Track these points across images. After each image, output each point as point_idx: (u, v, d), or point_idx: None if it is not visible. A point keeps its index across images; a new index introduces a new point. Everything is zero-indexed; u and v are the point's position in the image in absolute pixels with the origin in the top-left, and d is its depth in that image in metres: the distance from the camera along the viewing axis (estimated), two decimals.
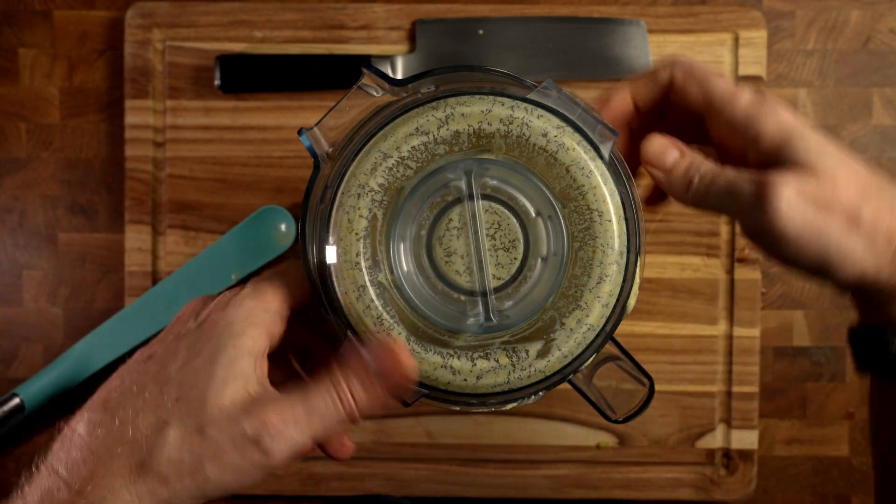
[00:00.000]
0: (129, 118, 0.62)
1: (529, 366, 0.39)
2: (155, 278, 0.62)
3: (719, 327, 0.62)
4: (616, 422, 0.41)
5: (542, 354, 0.39)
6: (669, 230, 0.62)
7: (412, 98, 0.39)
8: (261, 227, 0.61)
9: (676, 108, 0.42)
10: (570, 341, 0.39)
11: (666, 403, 0.62)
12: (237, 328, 0.39)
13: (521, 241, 0.40)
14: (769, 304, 0.64)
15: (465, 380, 0.39)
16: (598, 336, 0.39)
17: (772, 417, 0.64)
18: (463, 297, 0.40)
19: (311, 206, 0.40)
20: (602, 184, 0.39)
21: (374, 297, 0.39)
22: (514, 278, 0.40)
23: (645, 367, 0.63)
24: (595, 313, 0.39)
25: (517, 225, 0.40)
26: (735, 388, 0.62)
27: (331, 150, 0.40)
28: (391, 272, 0.39)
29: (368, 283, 0.39)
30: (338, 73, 0.61)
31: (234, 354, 0.38)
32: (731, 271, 0.62)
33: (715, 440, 0.62)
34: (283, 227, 0.61)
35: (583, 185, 0.39)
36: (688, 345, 0.62)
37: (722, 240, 0.62)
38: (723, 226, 0.62)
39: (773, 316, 0.64)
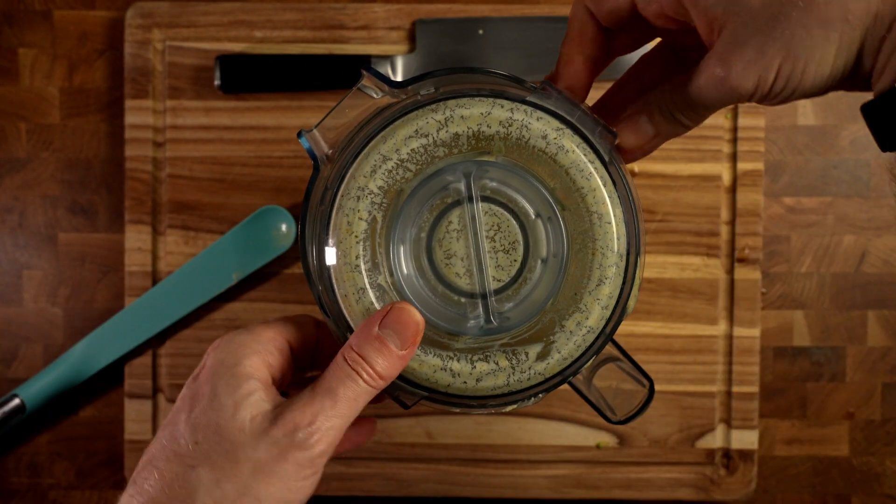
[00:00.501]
0: (129, 118, 0.62)
1: (529, 368, 0.39)
2: (155, 278, 0.62)
3: (719, 327, 0.62)
4: (616, 423, 0.41)
5: (541, 357, 0.39)
6: (669, 230, 0.62)
7: (412, 100, 0.39)
8: (261, 227, 0.61)
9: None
10: (569, 343, 0.39)
11: (666, 403, 0.62)
12: (230, 361, 0.38)
13: (521, 243, 0.40)
14: (769, 304, 0.64)
15: (465, 382, 0.39)
16: (597, 338, 0.39)
17: (772, 417, 0.64)
18: (463, 300, 0.40)
19: (311, 208, 0.40)
20: (602, 186, 0.39)
21: (373, 300, 0.39)
22: (514, 280, 0.40)
23: (645, 367, 0.63)
24: (595, 315, 0.39)
25: (517, 227, 0.40)
26: (735, 388, 0.62)
27: (330, 151, 0.40)
28: (391, 274, 0.39)
29: (368, 286, 0.39)
30: (338, 73, 0.61)
31: (235, 383, 0.38)
32: (731, 271, 0.62)
33: (715, 440, 0.62)
34: (283, 227, 0.61)
35: (582, 188, 0.39)
36: (688, 345, 0.62)
37: (722, 240, 0.62)
38: (723, 226, 0.62)
39: (773, 316, 0.64)
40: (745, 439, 0.62)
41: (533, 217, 0.40)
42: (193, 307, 0.62)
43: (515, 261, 0.40)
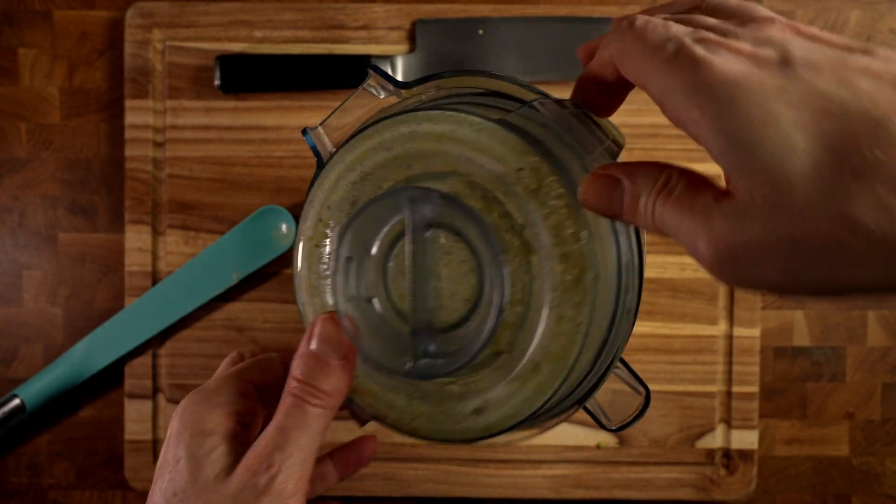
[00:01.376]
0: (129, 118, 0.62)
1: (464, 421, 0.36)
2: (155, 278, 0.62)
3: (719, 327, 0.62)
4: (611, 430, 0.40)
5: (477, 412, 0.35)
6: None
7: (389, 111, 0.37)
8: (261, 227, 0.61)
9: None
10: (505, 407, 0.35)
11: (666, 403, 0.62)
12: (190, 420, 0.38)
13: (476, 283, 0.34)
14: (769, 304, 0.64)
15: (400, 418, 0.37)
16: (542, 405, 0.34)
17: (772, 417, 0.64)
18: (406, 331, 0.36)
19: None
20: (578, 238, 0.32)
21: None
22: (462, 322, 0.35)
23: (645, 366, 0.63)
24: (543, 380, 0.34)
25: (474, 264, 0.35)
26: (735, 388, 0.62)
27: (334, 150, 0.40)
28: (345, 290, 0.36)
29: (326, 300, 0.38)
30: (338, 73, 0.61)
31: (196, 443, 0.37)
32: None
33: (715, 440, 0.62)
34: (283, 227, 0.61)
35: (551, 238, 0.33)
36: (688, 345, 0.62)
37: None
38: None
39: (773, 316, 0.64)
40: (745, 439, 0.62)
41: (491, 257, 0.33)
42: (193, 307, 0.62)
43: (467, 300, 0.35)
